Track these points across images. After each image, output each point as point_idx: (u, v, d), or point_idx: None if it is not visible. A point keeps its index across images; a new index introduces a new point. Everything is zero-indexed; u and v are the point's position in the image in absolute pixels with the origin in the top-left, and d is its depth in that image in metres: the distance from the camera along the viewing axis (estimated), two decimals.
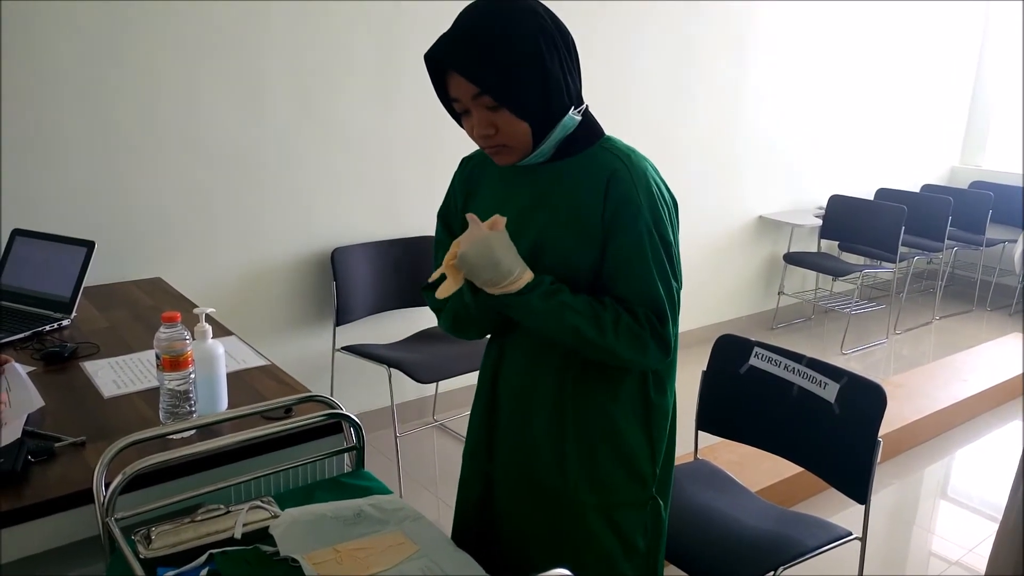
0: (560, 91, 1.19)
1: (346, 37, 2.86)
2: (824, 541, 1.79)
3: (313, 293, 3.02)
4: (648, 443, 1.34)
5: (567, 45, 1.20)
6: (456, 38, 1.16)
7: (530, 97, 1.17)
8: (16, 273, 2.13)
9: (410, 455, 3.11)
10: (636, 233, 1.20)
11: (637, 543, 1.37)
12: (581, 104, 1.24)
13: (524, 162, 1.25)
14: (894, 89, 5.20)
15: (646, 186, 1.21)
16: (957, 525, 2.85)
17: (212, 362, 1.49)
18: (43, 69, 2.33)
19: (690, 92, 4.03)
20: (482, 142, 1.24)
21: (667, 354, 1.25)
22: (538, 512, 1.37)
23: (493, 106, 1.17)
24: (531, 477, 1.37)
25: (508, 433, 1.39)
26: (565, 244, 1.24)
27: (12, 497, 1.22)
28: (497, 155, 1.25)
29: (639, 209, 1.20)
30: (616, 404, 1.31)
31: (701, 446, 2.17)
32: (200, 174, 2.67)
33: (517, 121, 1.18)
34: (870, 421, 1.78)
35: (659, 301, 1.22)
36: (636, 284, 1.22)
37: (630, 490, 1.35)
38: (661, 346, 1.24)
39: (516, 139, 1.21)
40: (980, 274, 5.54)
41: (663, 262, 1.23)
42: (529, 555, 1.38)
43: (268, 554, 1.17)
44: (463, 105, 1.20)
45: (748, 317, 4.77)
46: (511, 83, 1.15)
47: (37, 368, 1.71)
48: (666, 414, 1.37)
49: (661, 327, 1.22)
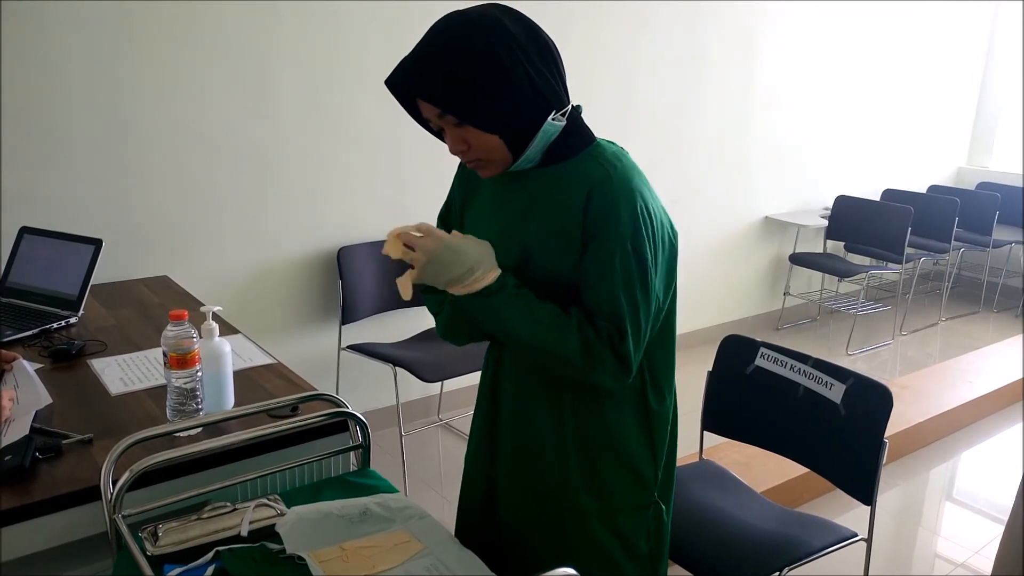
0: (532, 99, 1.15)
1: (354, 36, 2.86)
2: (829, 542, 1.79)
3: (319, 292, 3.02)
4: (649, 447, 1.33)
5: (540, 50, 1.17)
6: (412, 62, 1.15)
7: (494, 111, 1.15)
8: (24, 271, 2.14)
9: (415, 454, 3.11)
10: (609, 244, 1.17)
11: (640, 546, 1.37)
12: (564, 107, 1.20)
13: (513, 168, 1.24)
14: (901, 89, 5.18)
15: (629, 198, 1.18)
16: (963, 527, 2.84)
17: (219, 360, 1.49)
18: (51, 67, 2.34)
19: (698, 92, 4.03)
20: (460, 157, 1.24)
21: (626, 371, 1.21)
22: (540, 516, 1.36)
23: (458, 123, 1.17)
24: (533, 482, 1.36)
25: (509, 438, 1.38)
26: (550, 252, 1.23)
27: (20, 493, 1.23)
28: (479, 169, 1.25)
29: (617, 220, 1.17)
30: (615, 409, 1.30)
31: (706, 446, 2.17)
32: (207, 173, 2.68)
33: (486, 135, 1.17)
34: (876, 422, 1.78)
35: (620, 315, 1.18)
36: (601, 295, 1.19)
37: (632, 494, 1.34)
38: (619, 362, 1.19)
39: (490, 152, 1.20)
40: (987, 275, 5.52)
41: (632, 276, 1.18)
42: (532, 559, 1.37)
43: (274, 552, 1.17)
44: (436, 123, 1.20)
45: (754, 318, 4.76)
46: (470, 100, 1.14)
47: (45, 365, 1.72)
48: (666, 418, 1.35)
49: (619, 342, 1.18)
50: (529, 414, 1.34)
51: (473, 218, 1.37)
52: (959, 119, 5.78)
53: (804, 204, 4.84)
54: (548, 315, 1.19)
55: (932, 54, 5.31)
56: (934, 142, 5.64)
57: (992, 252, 5.24)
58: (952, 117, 5.71)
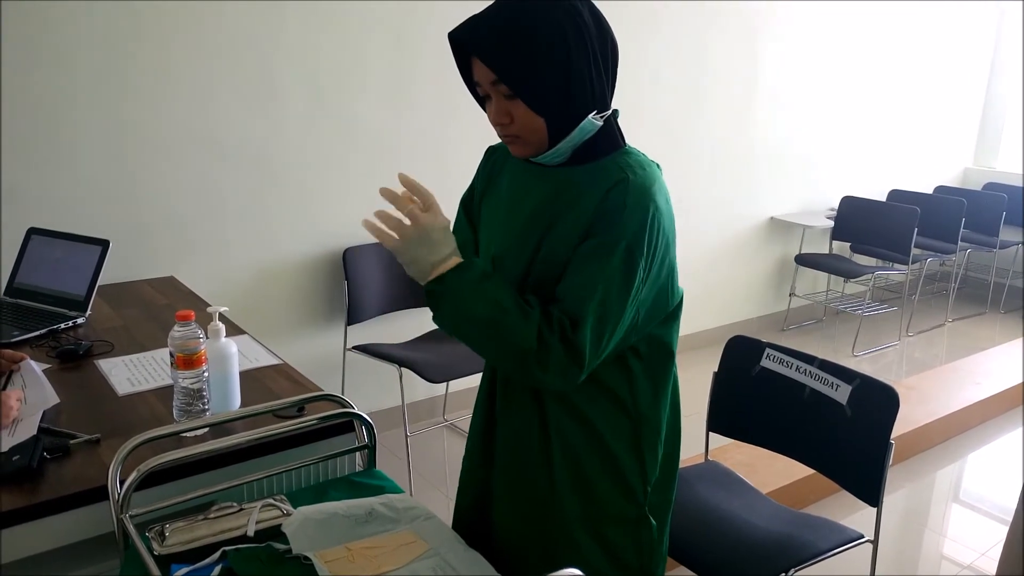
0: (584, 93, 1.15)
1: (360, 37, 2.87)
2: (835, 543, 1.78)
3: (325, 292, 3.03)
4: (635, 456, 1.30)
5: (604, 49, 1.17)
6: (482, 21, 1.14)
7: (549, 93, 1.14)
8: (32, 272, 2.15)
9: (421, 454, 3.12)
10: (607, 240, 1.15)
11: (628, 561, 1.34)
12: (606, 110, 1.20)
13: (540, 159, 1.23)
14: (907, 90, 5.17)
15: (642, 204, 1.15)
16: (969, 528, 2.83)
17: (225, 360, 1.50)
18: (57, 69, 2.35)
19: (703, 93, 4.03)
20: (498, 130, 1.22)
21: (576, 364, 1.14)
22: (529, 522, 1.35)
23: (510, 95, 1.15)
24: (521, 485, 1.35)
25: (504, 442, 1.37)
26: (561, 250, 1.21)
27: (28, 493, 1.23)
28: (512, 145, 1.23)
29: (623, 222, 1.15)
30: (597, 413, 1.27)
31: (712, 447, 2.17)
32: (214, 174, 2.69)
33: (533, 115, 1.16)
34: (882, 423, 1.77)
35: (584, 305, 1.14)
36: (574, 281, 1.16)
37: (617, 504, 1.31)
38: (569, 353, 1.13)
39: (530, 132, 1.18)
40: (993, 276, 5.50)
41: (615, 275, 1.15)
42: (520, 564, 1.35)
43: (280, 552, 1.17)
44: (484, 90, 1.18)
45: (759, 318, 4.75)
46: (530, 75, 1.12)
47: (52, 366, 1.73)
48: (657, 429, 1.31)
49: (572, 331, 1.13)
50: (520, 417, 1.33)
51: (490, 209, 1.36)
52: (965, 120, 5.77)
53: (810, 205, 4.83)
54: (509, 299, 1.15)
55: (938, 54, 5.30)
56: (940, 143, 5.63)
57: (999, 253, 5.22)
58: (958, 118, 5.69)
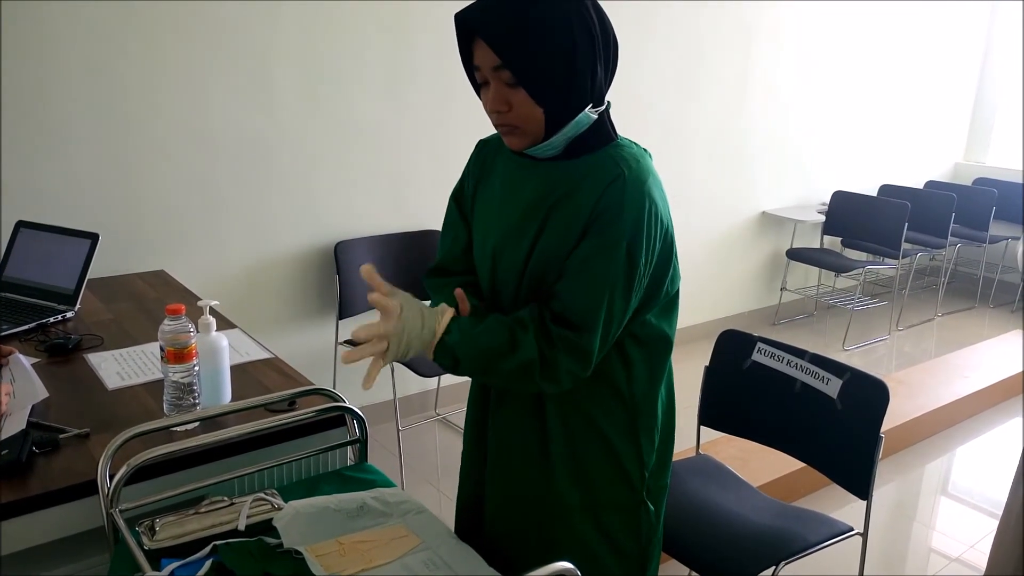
0: (585, 86, 1.16)
1: (355, 31, 2.86)
2: (825, 536, 1.79)
3: (316, 286, 3.02)
4: (632, 442, 1.31)
5: (606, 43, 1.17)
6: (492, 5, 1.13)
7: (551, 83, 1.14)
8: (21, 265, 2.14)
9: (412, 449, 3.12)
10: (606, 240, 1.16)
11: (626, 547, 1.35)
12: (601, 105, 1.21)
13: (533, 152, 1.23)
14: (898, 85, 5.18)
15: (638, 200, 1.16)
16: (958, 521, 2.85)
17: (216, 355, 1.49)
18: (48, 61, 2.33)
19: (695, 88, 4.03)
20: (494, 118, 1.21)
21: (584, 368, 1.19)
22: (526, 513, 1.35)
23: (512, 83, 1.14)
24: (519, 478, 1.35)
25: (498, 434, 1.37)
26: (556, 245, 1.21)
27: (17, 488, 1.23)
28: (507, 135, 1.22)
29: (621, 220, 1.16)
30: (595, 402, 1.28)
31: (703, 441, 2.18)
32: (205, 167, 2.67)
33: (532, 104, 1.15)
34: (872, 417, 1.78)
35: (593, 314, 1.17)
36: (577, 287, 1.18)
37: (615, 490, 1.32)
38: (577, 359, 1.18)
39: (528, 122, 1.18)
40: (983, 271, 5.53)
41: (617, 277, 1.16)
42: (517, 557, 1.35)
43: (272, 546, 1.17)
44: (484, 75, 1.17)
45: (751, 313, 4.76)
46: (534, 64, 1.12)
47: (41, 360, 1.72)
48: (653, 414, 1.32)
49: (580, 337, 1.17)
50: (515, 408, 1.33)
51: (484, 203, 1.36)
52: (956, 114, 5.79)
53: (801, 199, 4.84)
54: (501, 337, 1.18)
55: (929, 49, 5.31)
56: (931, 137, 5.64)
57: (988, 248, 5.24)
58: (949, 112, 5.71)
